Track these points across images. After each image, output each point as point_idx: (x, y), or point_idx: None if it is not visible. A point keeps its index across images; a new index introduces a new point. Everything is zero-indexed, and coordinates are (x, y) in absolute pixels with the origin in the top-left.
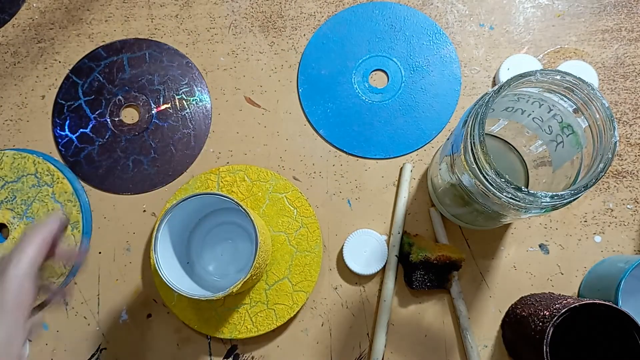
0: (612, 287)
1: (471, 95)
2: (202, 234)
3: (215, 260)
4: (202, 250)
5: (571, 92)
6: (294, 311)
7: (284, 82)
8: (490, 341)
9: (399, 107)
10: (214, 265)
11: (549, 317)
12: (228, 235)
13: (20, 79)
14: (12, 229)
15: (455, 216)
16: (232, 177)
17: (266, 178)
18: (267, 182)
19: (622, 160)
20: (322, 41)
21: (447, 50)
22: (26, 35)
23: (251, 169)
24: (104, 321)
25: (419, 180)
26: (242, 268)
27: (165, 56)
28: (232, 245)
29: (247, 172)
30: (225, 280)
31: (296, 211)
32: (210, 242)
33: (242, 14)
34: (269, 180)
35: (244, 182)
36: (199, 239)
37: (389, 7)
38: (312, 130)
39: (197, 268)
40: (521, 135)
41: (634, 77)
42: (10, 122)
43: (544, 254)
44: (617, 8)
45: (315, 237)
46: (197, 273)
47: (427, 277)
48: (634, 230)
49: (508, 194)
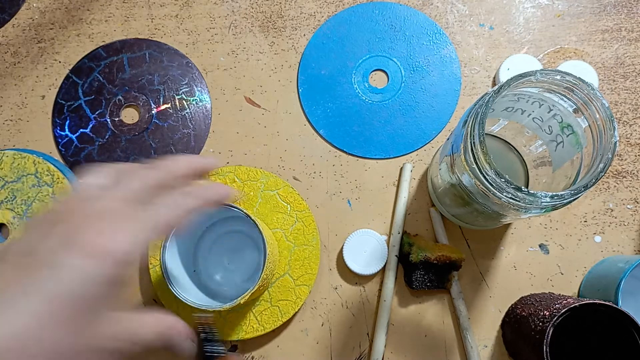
0: (612, 287)
1: (471, 95)
2: (208, 242)
3: (222, 269)
4: (208, 259)
5: (571, 92)
6: (298, 306)
7: (284, 82)
8: (490, 341)
9: (399, 107)
10: (220, 274)
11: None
12: (235, 244)
13: (20, 79)
14: (12, 229)
15: (455, 216)
16: (222, 179)
17: (256, 177)
18: (258, 181)
19: (622, 160)
20: (322, 41)
21: (447, 50)
22: (26, 35)
23: (240, 170)
24: None
25: (419, 180)
26: (249, 277)
27: (165, 56)
28: (239, 255)
29: (236, 173)
30: (232, 288)
31: (289, 207)
32: (217, 251)
33: (242, 14)
34: (259, 179)
35: (235, 184)
36: (205, 247)
37: (389, 7)
38: (312, 130)
39: (203, 277)
40: (521, 135)
41: (634, 77)
42: (10, 122)
43: (544, 254)
44: (617, 8)
45: (311, 230)
46: (203, 282)
47: (427, 277)
48: (634, 230)
49: (508, 194)
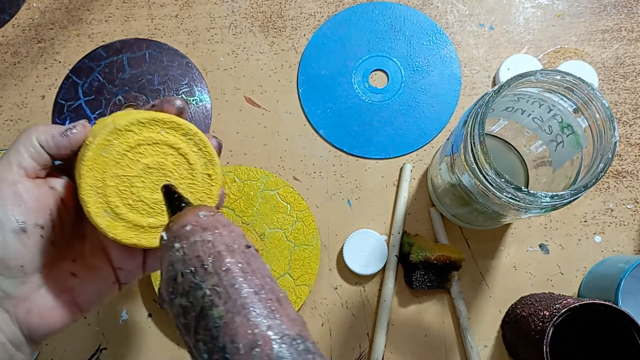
0: (612, 287)
1: (471, 95)
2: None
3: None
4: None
5: (571, 92)
6: (298, 305)
7: (284, 82)
8: (490, 341)
9: (399, 107)
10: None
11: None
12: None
13: (20, 79)
14: None
15: (455, 216)
16: (223, 179)
17: (256, 177)
18: (258, 181)
19: (622, 160)
20: (322, 41)
21: (447, 50)
22: (26, 35)
23: (240, 169)
24: (104, 321)
25: (419, 180)
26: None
27: (165, 56)
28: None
29: (236, 172)
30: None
31: (290, 206)
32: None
33: (242, 14)
34: (259, 179)
35: (235, 183)
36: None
37: (389, 7)
38: (312, 130)
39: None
40: (521, 135)
41: (634, 77)
42: (10, 122)
43: (544, 254)
44: (617, 8)
45: (311, 230)
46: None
47: (427, 277)
48: (634, 230)
49: (508, 194)
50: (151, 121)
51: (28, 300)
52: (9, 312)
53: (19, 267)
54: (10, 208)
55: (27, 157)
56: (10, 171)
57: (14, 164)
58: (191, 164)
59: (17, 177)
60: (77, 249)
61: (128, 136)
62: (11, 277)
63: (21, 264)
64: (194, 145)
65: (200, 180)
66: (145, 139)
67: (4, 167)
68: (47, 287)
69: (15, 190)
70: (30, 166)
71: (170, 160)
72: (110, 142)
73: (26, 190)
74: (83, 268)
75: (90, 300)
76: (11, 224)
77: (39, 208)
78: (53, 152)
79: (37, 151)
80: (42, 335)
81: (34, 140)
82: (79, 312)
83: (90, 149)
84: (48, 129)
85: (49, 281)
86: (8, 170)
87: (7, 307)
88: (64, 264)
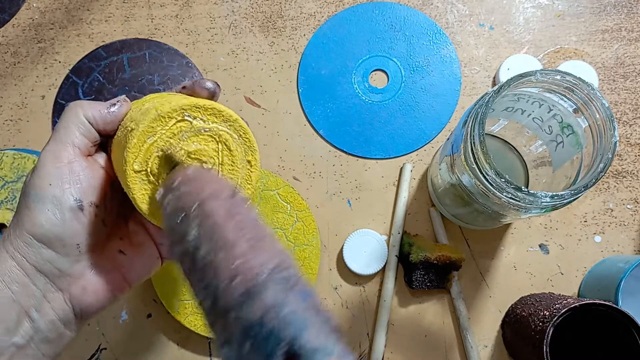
0: (612, 287)
1: (471, 95)
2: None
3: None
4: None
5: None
6: None
7: (284, 82)
8: (490, 341)
9: (399, 107)
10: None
11: (549, 317)
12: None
13: (20, 79)
14: None
15: (455, 216)
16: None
17: None
18: (258, 181)
19: (622, 160)
20: (322, 41)
21: (447, 50)
22: (26, 35)
23: None
24: (104, 321)
25: (419, 180)
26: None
27: (165, 56)
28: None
29: None
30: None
31: (290, 206)
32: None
33: (242, 14)
34: (259, 179)
35: None
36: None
37: (389, 7)
38: (312, 130)
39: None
40: (521, 135)
41: (634, 77)
42: (10, 122)
43: (544, 254)
44: (617, 8)
45: (311, 229)
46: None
47: (427, 277)
48: (634, 230)
49: (508, 194)
50: (193, 108)
51: (83, 279)
52: (62, 290)
53: (75, 245)
54: (68, 187)
55: (79, 135)
56: (65, 150)
57: (68, 142)
58: (231, 150)
59: (72, 155)
60: (123, 228)
61: (171, 123)
62: (66, 256)
63: (77, 242)
64: (235, 132)
65: (240, 167)
66: (187, 126)
67: (58, 145)
68: (100, 265)
69: (72, 169)
70: (82, 144)
71: (212, 147)
72: (154, 129)
73: (82, 169)
74: (129, 246)
75: (138, 276)
76: (69, 202)
77: (93, 187)
78: (100, 128)
79: (87, 128)
80: (94, 312)
81: (81, 116)
82: (127, 288)
83: (135, 135)
84: (93, 105)
85: (100, 259)
86: (63, 148)
87: (61, 286)
88: (113, 242)
